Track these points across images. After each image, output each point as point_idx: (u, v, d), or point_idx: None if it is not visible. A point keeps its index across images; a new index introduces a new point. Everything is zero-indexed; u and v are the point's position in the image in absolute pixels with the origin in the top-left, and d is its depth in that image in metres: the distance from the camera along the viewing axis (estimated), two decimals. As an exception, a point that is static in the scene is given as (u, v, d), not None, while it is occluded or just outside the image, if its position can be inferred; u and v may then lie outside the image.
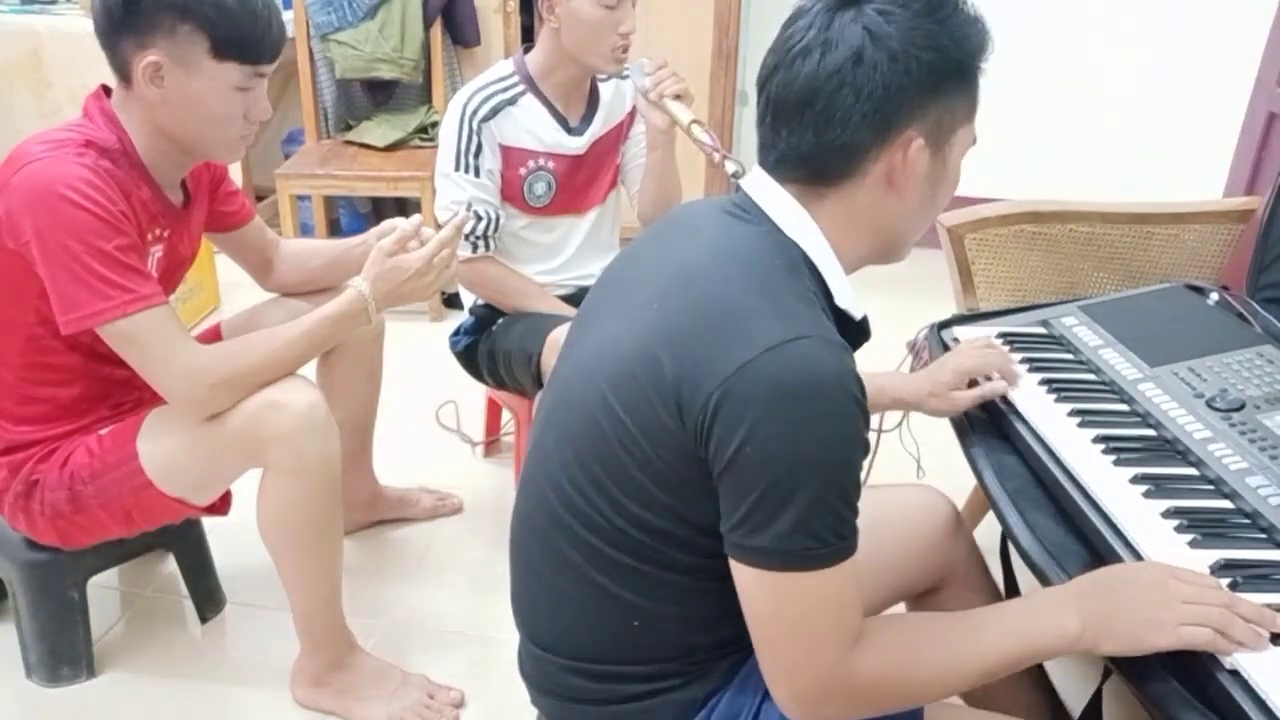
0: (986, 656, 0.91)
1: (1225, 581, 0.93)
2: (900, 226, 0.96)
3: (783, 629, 0.88)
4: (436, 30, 3.19)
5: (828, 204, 0.93)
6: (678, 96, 1.75)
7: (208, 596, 1.83)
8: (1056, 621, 0.90)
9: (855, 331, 0.97)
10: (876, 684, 0.90)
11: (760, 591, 0.87)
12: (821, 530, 0.84)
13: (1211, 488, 1.10)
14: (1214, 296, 1.50)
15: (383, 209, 3.43)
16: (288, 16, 2.94)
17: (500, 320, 1.94)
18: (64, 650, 1.65)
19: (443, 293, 2.94)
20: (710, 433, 0.84)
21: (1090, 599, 0.91)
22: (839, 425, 0.83)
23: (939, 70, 0.88)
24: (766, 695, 0.99)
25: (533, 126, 1.87)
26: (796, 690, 0.90)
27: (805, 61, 0.88)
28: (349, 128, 3.29)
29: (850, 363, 0.85)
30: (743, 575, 0.88)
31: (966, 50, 0.90)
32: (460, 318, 2.05)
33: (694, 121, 1.71)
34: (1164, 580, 0.91)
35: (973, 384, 1.32)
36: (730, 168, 1.59)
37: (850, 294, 0.95)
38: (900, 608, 1.33)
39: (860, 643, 0.89)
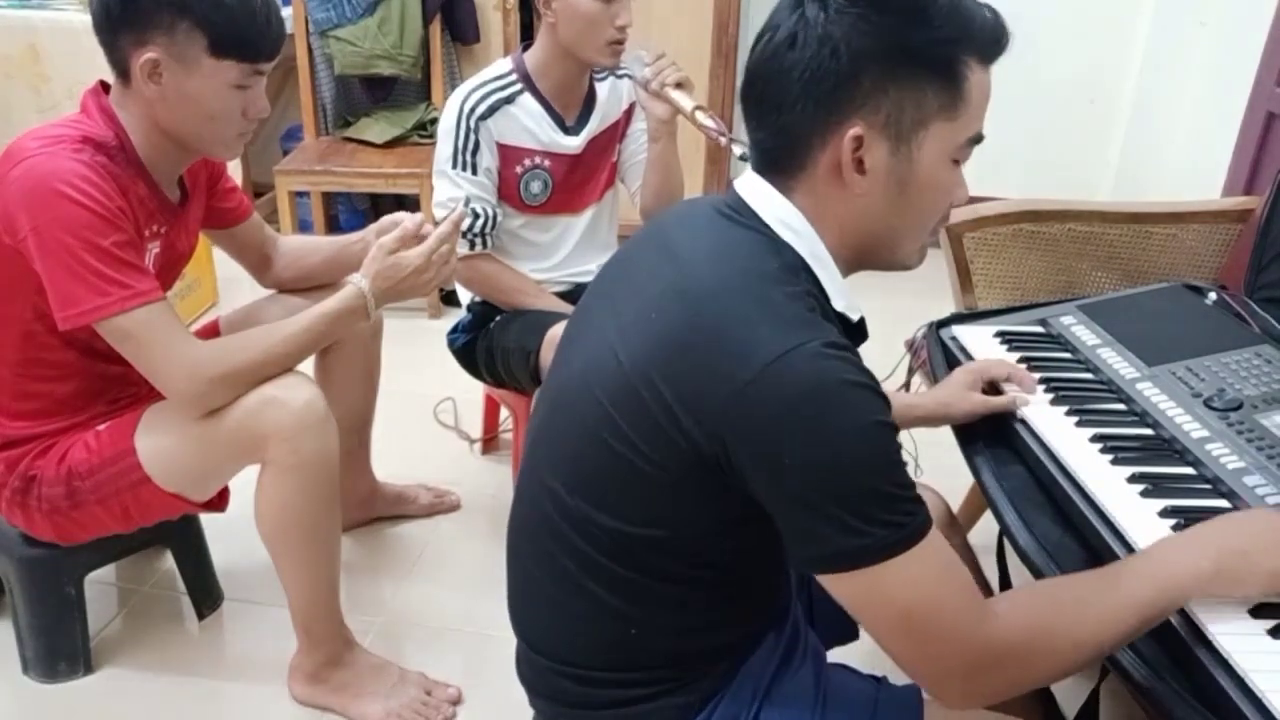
0: (1128, 604, 0.87)
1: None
2: (870, 227, 0.92)
3: (902, 623, 0.85)
4: (436, 27, 3.19)
5: (797, 198, 0.92)
6: (679, 85, 1.75)
7: (205, 593, 1.83)
8: (1191, 562, 0.89)
9: (853, 333, 0.96)
10: (1025, 644, 0.86)
11: (862, 595, 0.85)
12: (888, 517, 0.82)
13: (1209, 487, 1.10)
14: (1212, 296, 1.50)
15: (381, 206, 3.42)
16: (287, 13, 2.93)
17: (498, 318, 1.94)
18: (61, 646, 1.65)
19: (441, 290, 2.94)
20: (730, 454, 0.83)
21: (1218, 540, 0.91)
22: (857, 420, 0.82)
23: (880, 58, 0.84)
24: (765, 699, 1.00)
25: (530, 125, 1.87)
26: (947, 674, 0.86)
27: (757, 46, 0.90)
28: (348, 124, 3.29)
29: (854, 358, 0.84)
30: (838, 587, 0.85)
31: (929, 39, 0.85)
32: (458, 315, 2.05)
33: (697, 107, 1.71)
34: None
35: (994, 390, 1.32)
36: (738, 150, 1.59)
37: (846, 296, 0.94)
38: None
39: (991, 611, 0.86)
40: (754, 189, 0.94)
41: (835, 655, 1.14)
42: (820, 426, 0.80)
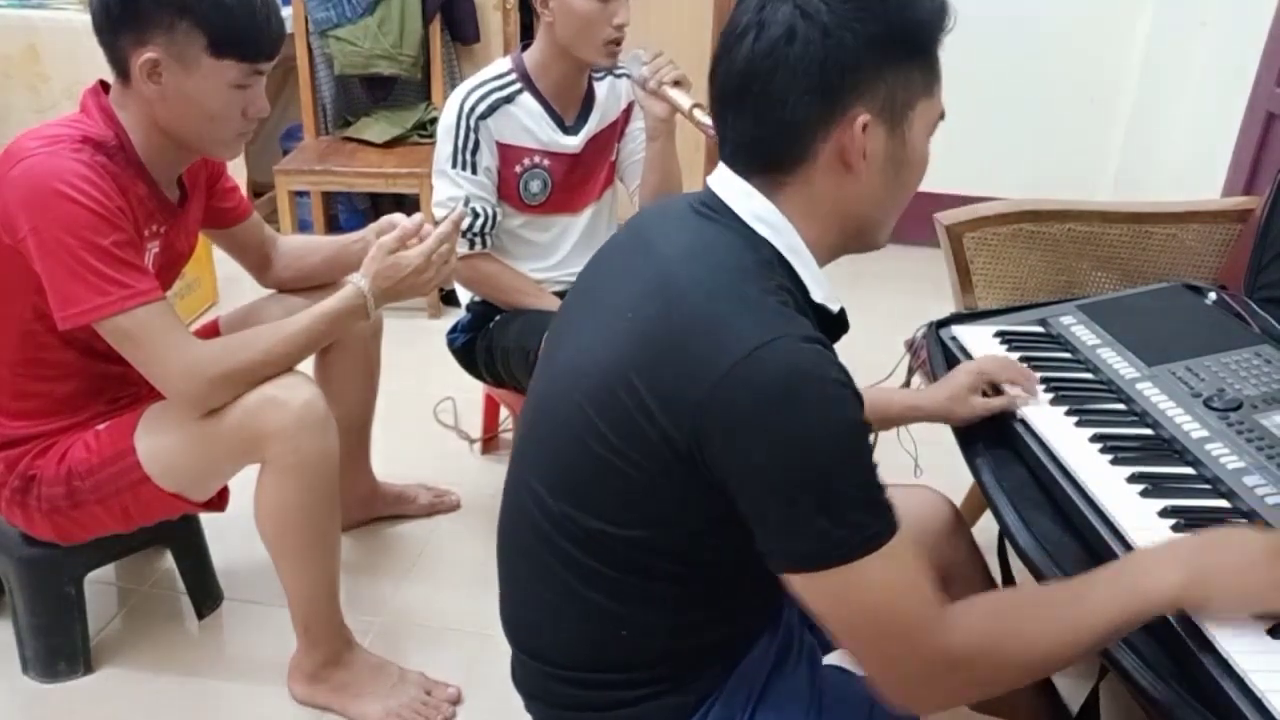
0: (1093, 616, 0.86)
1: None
2: (865, 211, 0.93)
3: (864, 624, 0.85)
4: (435, 27, 3.19)
5: (788, 192, 0.91)
6: (676, 83, 1.75)
7: (205, 592, 1.83)
8: (1160, 577, 0.87)
9: (834, 324, 0.96)
10: (980, 654, 0.86)
11: (821, 596, 0.85)
12: (853, 518, 0.82)
13: (1209, 487, 1.10)
14: (1212, 296, 1.50)
15: (381, 205, 3.42)
16: (286, 12, 2.93)
17: (497, 317, 1.94)
18: (61, 646, 1.65)
19: (440, 289, 2.94)
20: (704, 449, 0.83)
21: (1192, 553, 0.89)
22: (830, 416, 0.82)
23: (882, 43, 0.86)
24: (760, 700, 1.00)
25: (529, 125, 1.87)
26: (900, 678, 0.87)
27: (741, 44, 0.88)
28: (348, 124, 3.29)
29: (828, 353, 0.84)
30: (796, 584, 0.85)
31: (915, 21, 0.88)
32: (458, 315, 2.05)
33: (695, 105, 1.71)
34: (1273, 543, 0.88)
35: (995, 391, 1.32)
36: None
37: (825, 287, 0.94)
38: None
39: (950, 617, 0.86)
40: (728, 185, 0.93)
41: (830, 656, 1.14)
42: (792, 423, 0.81)
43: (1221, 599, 0.87)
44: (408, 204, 3.21)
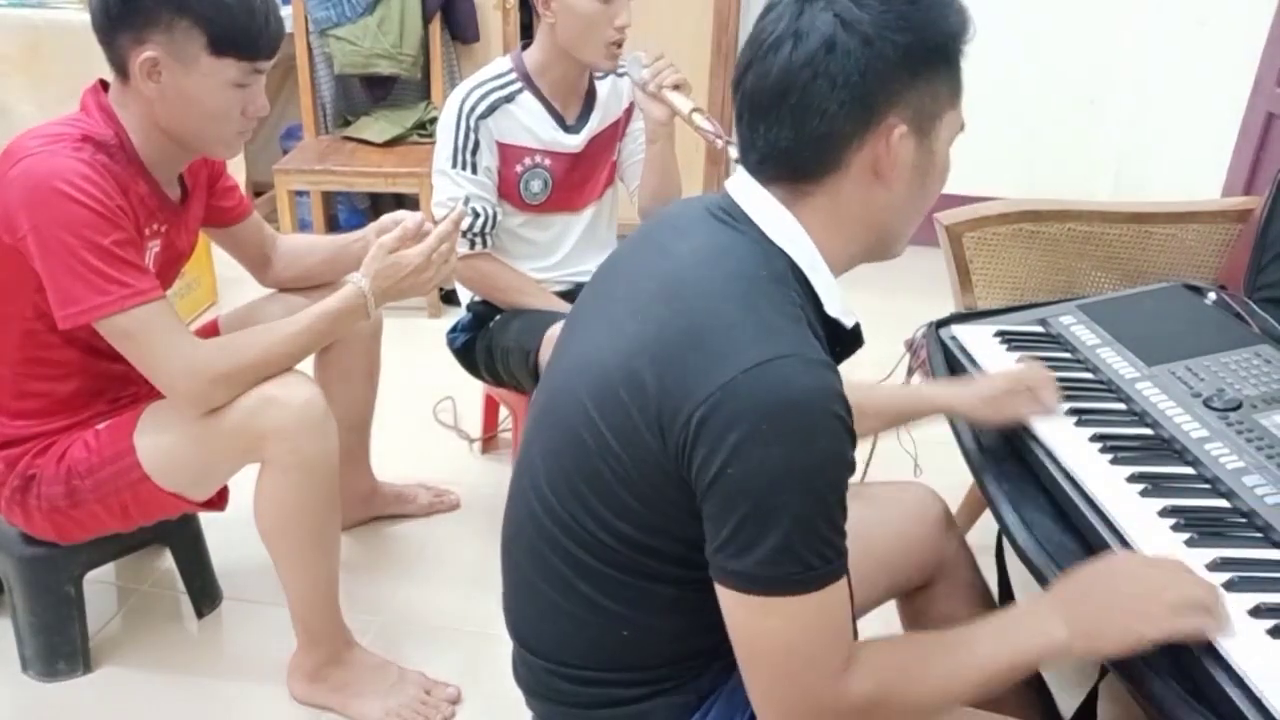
0: (978, 673, 0.89)
1: (1222, 579, 0.94)
2: (890, 219, 0.93)
3: (768, 654, 0.86)
4: (435, 26, 3.19)
5: (814, 201, 0.91)
6: (676, 86, 1.75)
7: (204, 592, 1.83)
8: (1045, 632, 0.90)
9: (847, 340, 0.96)
10: (868, 709, 0.87)
11: (744, 615, 0.86)
12: (806, 554, 0.82)
13: (1208, 486, 1.10)
14: (1211, 296, 1.50)
15: (381, 205, 3.43)
16: (286, 11, 2.93)
17: (497, 317, 1.94)
18: (60, 645, 1.65)
19: (440, 289, 2.94)
20: (691, 455, 0.83)
21: (1074, 604, 0.91)
22: (820, 447, 0.81)
23: (916, 54, 0.86)
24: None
25: (530, 124, 1.87)
26: (790, 713, 0.88)
27: (777, 54, 0.86)
28: (347, 123, 3.29)
29: (834, 381, 0.83)
30: (727, 598, 0.86)
31: (945, 32, 0.88)
32: (458, 314, 2.05)
33: (695, 109, 1.71)
34: (1142, 572, 0.92)
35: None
36: (734, 153, 1.59)
37: (840, 301, 0.93)
38: (891, 605, 1.33)
39: (854, 665, 0.87)
40: (749, 193, 0.93)
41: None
42: (783, 446, 0.80)
43: (1108, 643, 0.89)
44: (408, 204, 3.21)
